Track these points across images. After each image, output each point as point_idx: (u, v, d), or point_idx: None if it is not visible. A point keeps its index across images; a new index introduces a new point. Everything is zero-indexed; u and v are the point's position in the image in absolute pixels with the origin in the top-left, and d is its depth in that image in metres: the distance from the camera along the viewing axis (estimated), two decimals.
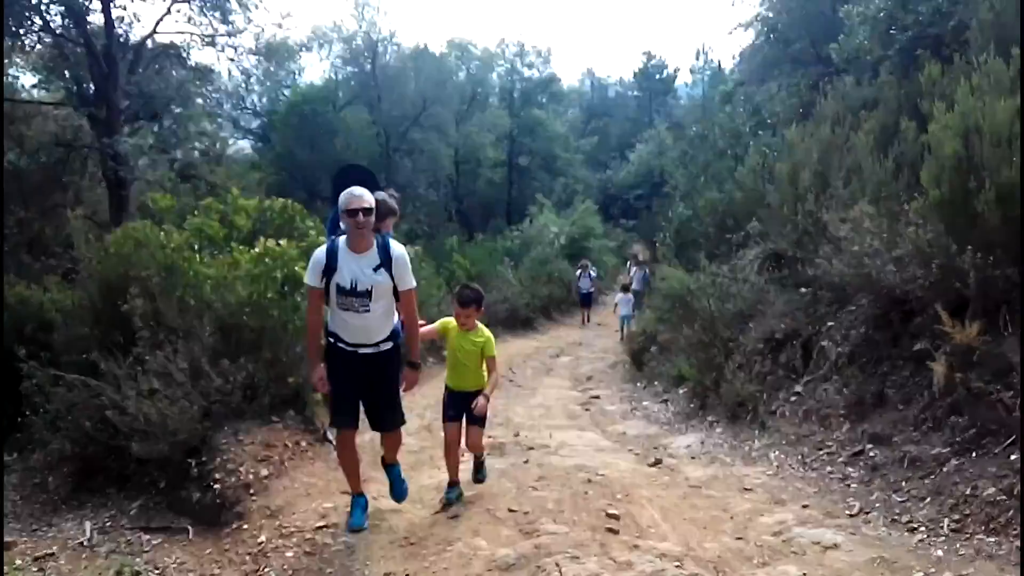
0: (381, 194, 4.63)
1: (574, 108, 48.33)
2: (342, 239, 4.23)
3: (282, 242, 6.73)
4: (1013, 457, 4.50)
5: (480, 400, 4.83)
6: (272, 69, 25.28)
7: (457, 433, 5.00)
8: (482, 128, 32.33)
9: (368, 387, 4.41)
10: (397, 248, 4.28)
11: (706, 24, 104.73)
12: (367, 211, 4.10)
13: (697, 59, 49.72)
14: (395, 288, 4.26)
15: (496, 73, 37.27)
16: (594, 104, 52.13)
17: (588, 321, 19.86)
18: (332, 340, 4.37)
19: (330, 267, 4.17)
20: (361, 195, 4.11)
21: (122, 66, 13.37)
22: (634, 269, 19.83)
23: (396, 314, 4.43)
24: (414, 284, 4.33)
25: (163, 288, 6.49)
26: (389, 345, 4.38)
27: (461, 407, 4.93)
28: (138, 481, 5.99)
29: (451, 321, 4.88)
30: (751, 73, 16.38)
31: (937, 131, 5.51)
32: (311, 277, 4.26)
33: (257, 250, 6.64)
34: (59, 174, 13.50)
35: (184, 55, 15.10)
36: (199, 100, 15.83)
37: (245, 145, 29.55)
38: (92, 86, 13.21)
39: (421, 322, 4.80)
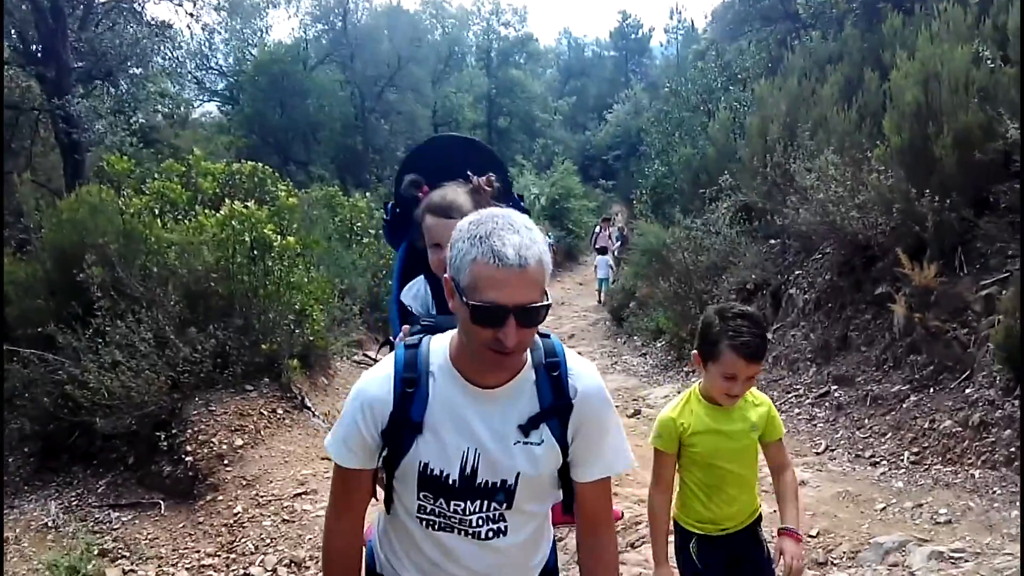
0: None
1: (551, 68, 47.87)
2: (437, 341, 1.59)
3: (250, 204, 6.47)
4: (968, 391, 4.73)
5: (791, 552, 2.21)
6: (238, 27, 24.37)
7: None
8: (460, 89, 31.98)
9: None
10: (585, 373, 1.59)
11: None
12: (532, 314, 1.40)
13: (671, 18, 49.38)
14: (561, 473, 1.62)
15: (472, 32, 36.80)
16: (571, 64, 51.56)
17: None
18: None
19: (402, 421, 1.52)
20: (530, 249, 1.37)
21: (71, 21, 12.46)
22: (600, 230, 19.82)
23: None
24: (628, 462, 1.65)
25: (123, 256, 6.18)
26: None
27: (733, 566, 2.32)
28: (105, 458, 5.82)
29: (682, 407, 2.28)
30: (723, 31, 16.40)
31: (898, 79, 5.64)
32: (344, 442, 1.57)
33: (223, 213, 6.36)
34: (7, 139, 12.52)
35: (139, 9, 14.12)
36: (158, 59, 14.93)
37: (212, 108, 28.35)
38: (39, 44, 12.29)
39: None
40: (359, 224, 11.84)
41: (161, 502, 5.29)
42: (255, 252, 6.34)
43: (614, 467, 1.61)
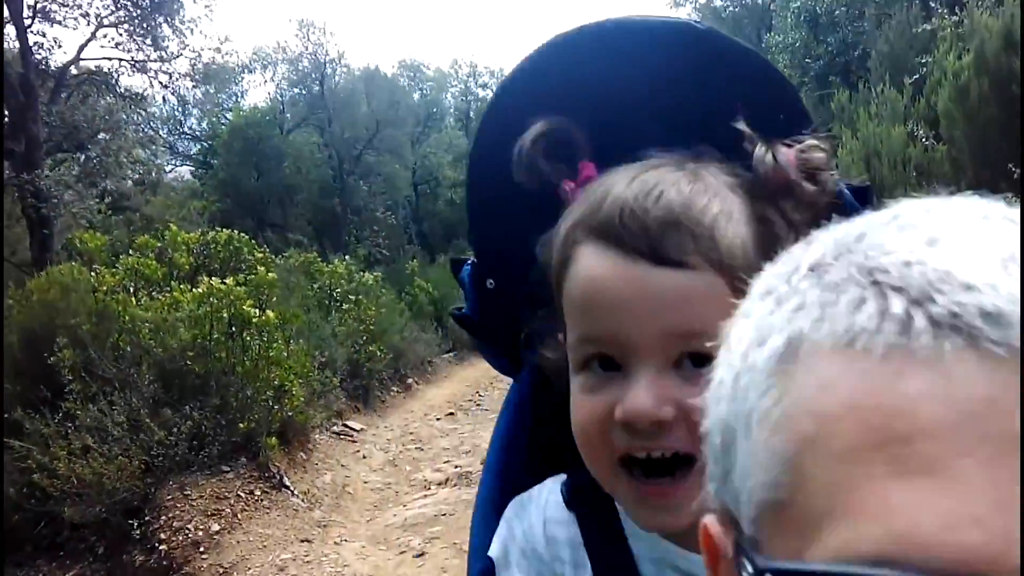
0: None
1: None
2: None
3: (228, 280, 6.35)
4: None
5: None
6: (212, 91, 24.20)
7: None
8: (438, 149, 32.61)
9: None
10: None
11: None
12: None
13: None
14: None
15: (450, 93, 37.78)
16: None
17: None
18: None
19: None
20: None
21: (42, 94, 12.23)
22: None
23: None
24: None
25: (95, 335, 5.97)
26: None
27: None
28: (73, 548, 5.55)
29: None
30: None
31: (843, 156, 6.03)
32: None
33: (200, 289, 6.23)
34: None
35: (112, 81, 14.05)
36: (131, 128, 14.57)
37: (185, 171, 27.93)
38: (7, 118, 11.73)
39: None
40: (338, 291, 11.93)
41: None
42: (233, 329, 6.22)
43: None
